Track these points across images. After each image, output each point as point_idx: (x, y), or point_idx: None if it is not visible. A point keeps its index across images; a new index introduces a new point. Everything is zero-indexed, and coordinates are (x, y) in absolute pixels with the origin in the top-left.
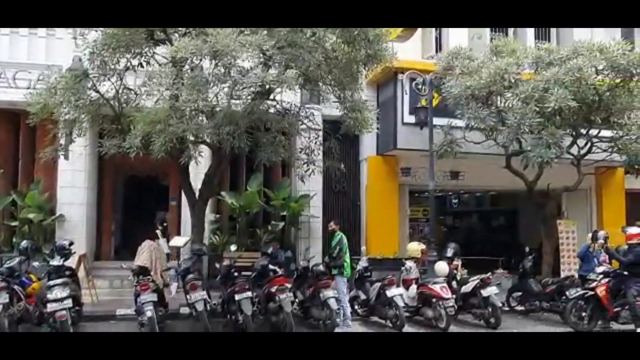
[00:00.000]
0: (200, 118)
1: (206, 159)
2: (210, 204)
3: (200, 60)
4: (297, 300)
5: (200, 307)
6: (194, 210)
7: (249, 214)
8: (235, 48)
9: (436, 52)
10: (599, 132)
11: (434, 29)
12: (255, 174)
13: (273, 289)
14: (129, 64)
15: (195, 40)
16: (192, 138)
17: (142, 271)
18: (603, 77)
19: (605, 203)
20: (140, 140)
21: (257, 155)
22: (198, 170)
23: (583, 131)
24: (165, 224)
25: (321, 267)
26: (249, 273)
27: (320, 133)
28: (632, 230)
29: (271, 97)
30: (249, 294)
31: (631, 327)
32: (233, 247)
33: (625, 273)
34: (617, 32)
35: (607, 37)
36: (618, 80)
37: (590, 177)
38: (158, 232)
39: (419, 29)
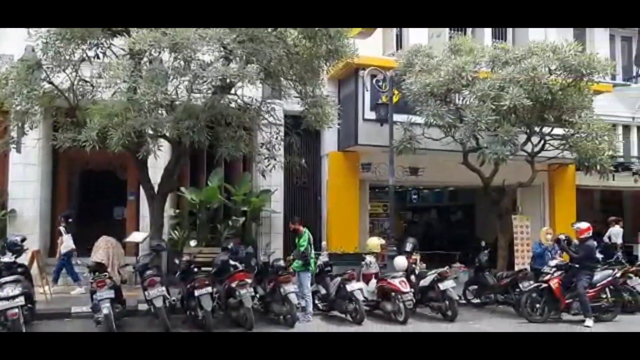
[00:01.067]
0: (159, 112)
1: (165, 153)
2: (169, 199)
3: (159, 52)
4: (257, 295)
5: (158, 303)
6: (152, 205)
7: (209, 209)
8: (195, 41)
9: (397, 49)
10: (551, 130)
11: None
12: (215, 169)
13: (233, 285)
14: (84, 55)
15: (154, 33)
16: (150, 132)
17: (99, 268)
18: (556, 77)
19: (557, 198)
20: (97, 133)
21: (217, 150)
22: (157, 164)
23: (537, 129)
24: (70, 220)
25: (281, 263)
26: (209, 269)
27: (282, 128)
28: (582, 225)
29: (232, 91)
30: (209, 289)
31: (581, 317)
32: (193, 243)
33: (577, 266)
34: (569, 34)
35: (560, 38)
36: (570, 80)
37: (544, 174)
38: (62, 228)
39: None
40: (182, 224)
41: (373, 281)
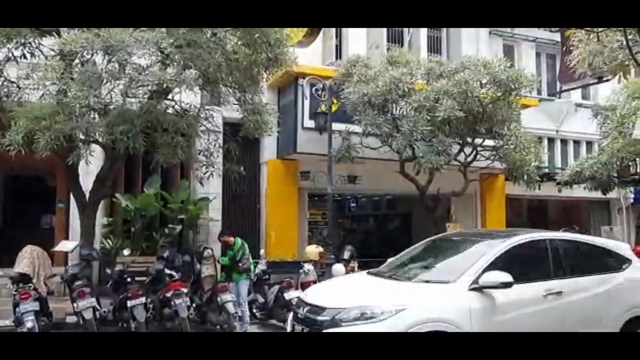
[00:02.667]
0: (91, 116)
1: (98, 159)
2: (102, 207)
3: (92, 54)
4: (193, 305)
5: (88, 315)
6: (83, 213)
7: (145, 217)
8: (130, 44)
9: (336, 59)
10: (483, 141)
11: (334, 36)
12: (152, 176)
13: (168, 294)
14: (10, 54)
15: (86, 34)
16: (82, 137)
17: (23, 278)
18: (486, 91)
19: (488, 207)
20: (23, 137)
21: (154, 156)
22: (89, 170)
23: (469, 140)
24: None
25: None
26: (143, 278)
27: (220, 135)
28: None
29: (169, 96)
30: (143, 299)
31: None
32: (126, 252)
33: None
34: (499, 50)
35: (490, 53)
36: (499, 94)
37: (476, 183)
38: None
39: (320, 36)
40: (115, 233)
41: None
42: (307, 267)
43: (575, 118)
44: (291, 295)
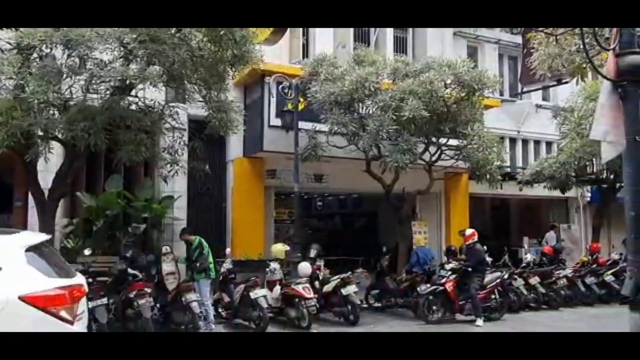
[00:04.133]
0: (50, 112)
1: (58, 157)
2: (62, 206)
3: (51, 49)
4: (157, 305)
5: None
6: (42, 212)
7: (107, 215)
8: (91, 38)
9: (303, 57)
10: (447, 141)
11: (301, 35)
12: (114, 174)
13: (131, 295)
14: None
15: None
16: (40, 133)
17: None
18: (451, 91)
19: (452, 205)
20: None
21: (116, 153)
22: (48, 168)
23: (434, 139)
24: None
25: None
26: (105, 278)
27: (185, 133)
28: (467, 232)
29: (133, 93)
30: (104, 300)
31: (472, 317)
32: (87, 251)
33: (470, 269)
34: (463, 51)
35: (455, 54)
36: (463, 94)
37: (440, 182)
38: None
39: (287, 34)
40: (76, 232)
41: (277, 288)
42: (273, 265)
43: (536, 119)
44: (257, 294)
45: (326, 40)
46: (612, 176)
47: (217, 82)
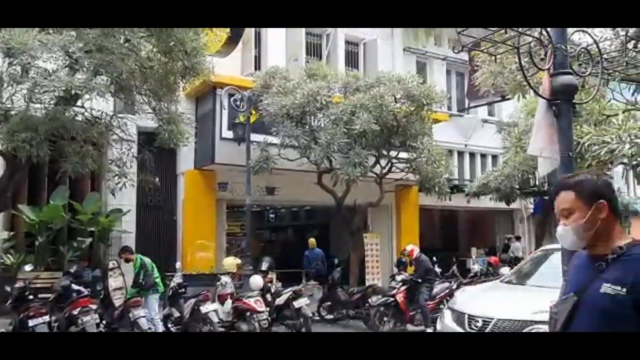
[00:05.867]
0: None
1: None
2: (2, 220)
3: None
4: (103, 322)
5: None
6: None
7: (51, 229)
8: (34, 47)
9: (255, 70)
10: (397, 154)
11: (253, 47)
12: (59, 186)
13: (75, 312)
14: None
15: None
16: None
17: None
18: (400, 105)
19: (403, 217)
20: None
21: (61, 165)
22: None
23: (384, 152)
24: None
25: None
26: (48, 295)
27: (135, 144)
28: (408, 249)
29: (79, 103)
30: (46, 318)
31: (422, 327)
32: (28, 267)
33: (419, 280)
34: (412, 66)
35: (404, 70)
36: (412, 109)
37: (391, 194)
38: None
39: (239, 46)
40: (17, 247)
41: (229, 301)
42: (224, 279)
43: (482, 133)
44: (207, 308)
45: (279, 54)
46: (553, 188)
47: (168, 94)
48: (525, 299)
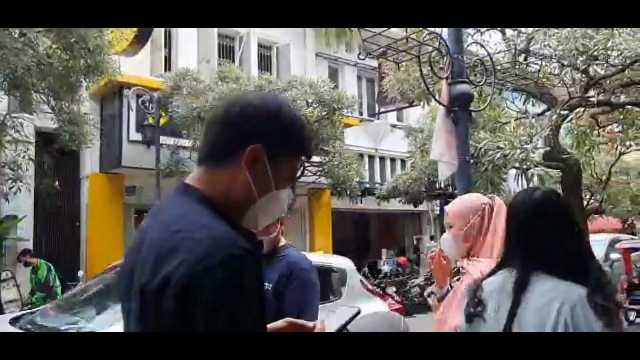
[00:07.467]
0: None
1: None
2: None
3: None
4: None
5: None
6: None
7: None
8: None
9: (165, 71)
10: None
11: (163, 47)
12: None
13: None
14: None
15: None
16: None
17: None
18: (312, 110)
19: (316, 220)
20: None
21: None
22: None
23: None
24: None
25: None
26: None
27: (32, 146)
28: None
29: None
30: None
31: None
32: None
33: None
34: (324, 72)
35: (317, 74)
36: (324, 113)
37: (304, 198)
38: None
39: (148, 46)
40: None
41: None
42: None
43: (392, 138)
44: None
45: (190, 55)
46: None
47: (68, 93)
48: None
